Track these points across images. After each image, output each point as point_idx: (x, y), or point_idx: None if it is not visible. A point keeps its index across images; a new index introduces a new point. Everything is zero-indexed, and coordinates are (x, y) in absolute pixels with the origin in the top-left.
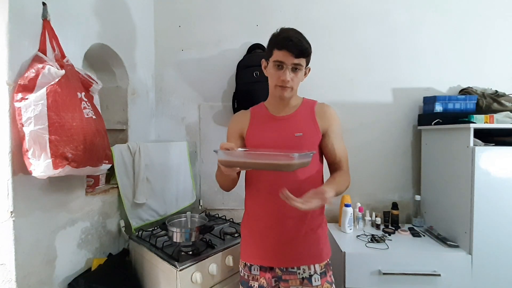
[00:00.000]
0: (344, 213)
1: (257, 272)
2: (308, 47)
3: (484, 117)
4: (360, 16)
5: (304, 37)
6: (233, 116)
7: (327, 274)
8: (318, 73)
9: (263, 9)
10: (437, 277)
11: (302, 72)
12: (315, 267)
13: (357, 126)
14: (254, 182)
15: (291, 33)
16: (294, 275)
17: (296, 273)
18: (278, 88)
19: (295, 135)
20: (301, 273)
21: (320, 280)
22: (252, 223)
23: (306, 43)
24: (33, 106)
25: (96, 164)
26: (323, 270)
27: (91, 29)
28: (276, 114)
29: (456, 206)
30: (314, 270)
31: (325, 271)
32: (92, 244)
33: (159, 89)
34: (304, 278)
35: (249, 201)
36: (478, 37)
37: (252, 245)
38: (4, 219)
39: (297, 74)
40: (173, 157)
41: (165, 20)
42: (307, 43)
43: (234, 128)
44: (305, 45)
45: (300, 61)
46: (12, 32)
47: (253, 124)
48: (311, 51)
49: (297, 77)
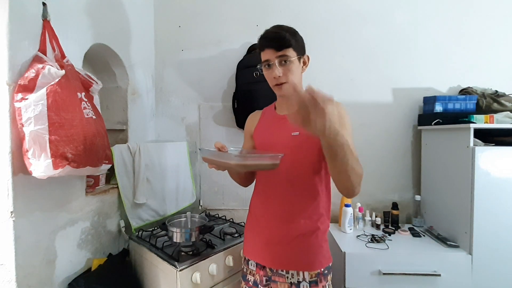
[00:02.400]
0: (344, 213)
1: (253, 268)
2: (287, 35)
3: (484, 117)
4: (360, 16)
5: (284, 28)
6: (248, 116)
7: (319, 283)
8: (318, 73)
9: (263, 9)
10: (437, 277)
11: (294, 63)
12: (304, 274)
13: (357, 126)
14: (256, 181)
15: (269, 30)
16: (283, 278)
17: (285, 277)
18: (275, 88)
19: (292, 134)
20: (290, 278)
21: None
22: (250, 219)
23: (286, 32)
24: (33, 106)
25: (96, 164)
26: (314, 279)
27: (91, 29)
28: (280, 113)
29: (456, 206)
30: (303, 277)
31: (317, 280)
32: (92, 244)
33: (159, 89)
34: (292, 283)
35: (252, 197)
36: (478, 37)
37: (250, 240)
38: (4, 219)
39: (287, 66)
40: (173, 157)
41: (165, 20)
42: (288, 31)
43: (246, 128)
44: (283, 34)
45: (284, 52)
46: (12, 32)
47: (260, 123)
48: (297, 38)
49: (289, 69)
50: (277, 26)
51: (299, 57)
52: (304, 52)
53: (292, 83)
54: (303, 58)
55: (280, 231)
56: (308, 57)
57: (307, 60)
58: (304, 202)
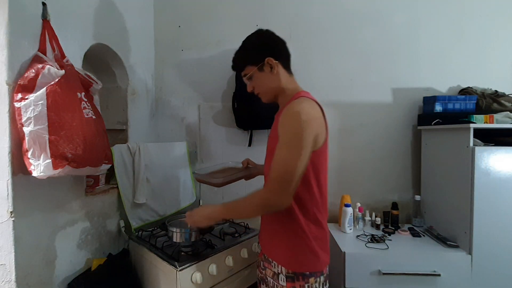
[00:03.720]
0: (344, 213)
1: (259, 250)
2: (236, 60)
3: (484, 117)
4: (360, 16)
5: (238, 50)
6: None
7: (295, 281)
8: (318, 73)
9: (263, 9)
10: (437, 277)
11: (256, 76)
12: (280, 267)
13: (357, 126)
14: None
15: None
16: (270, 265)
17: (271, 264)
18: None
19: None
20: (274, 267)
21: (286, 283)
22: None
23: (236, 54)
24: (33, 106)
25: (96, 164)
26: (290, 274)
27: (91, 29)
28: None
29: (456, 206)
30: (280, 270)
31: (294, 278)
32: (92, 244)
33: (159, 89)
34: (275, 273)
35: None
36: (478, 37)
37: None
38: (4, 219)
39: (254, 81)
40: (173, 157)
41: (165, 20)
42: (238, 53)
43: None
44: (234, 59)
45: (245, 72)
46: (12, 32)
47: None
48: (247, 54)
49: (256, 82)
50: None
51: (260, 67)
52: (262, 58)
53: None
54: (264, 64)
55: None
56: (272, 60)
57: (271, 63)
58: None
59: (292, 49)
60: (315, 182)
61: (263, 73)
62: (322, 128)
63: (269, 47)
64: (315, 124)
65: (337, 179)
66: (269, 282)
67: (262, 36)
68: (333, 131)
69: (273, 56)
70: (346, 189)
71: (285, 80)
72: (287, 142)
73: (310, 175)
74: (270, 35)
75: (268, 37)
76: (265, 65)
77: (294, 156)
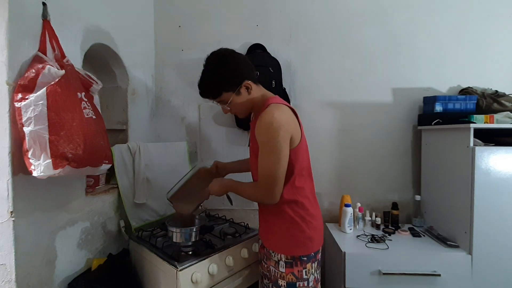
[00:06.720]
0: (344, 213)
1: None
2: (210, 86)
3: (484, 117)
4: (360, 16)
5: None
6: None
7: (293, 266)
8: (318, 73)
9: (263, 9)
10: (437, 277)
11: (234, 100)
12: (280, 255)
13: (357, 126)
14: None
15: (198, 84)
16: (271, 256)
17: (272, 255)
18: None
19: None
20: (274, 256)
21: (285, 269)
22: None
23: (208, 81)
24: (33, 106)
25: (96, 164)
26: (289, 260)
27: (91, 29)
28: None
29: (456, 206)
30: (280, 257)
31: (292, 263)
32: (92, 244)
33: (159, 89)
34: (276, 261)
35: None
36: (478, 37)
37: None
38: (4, 219)
39: (229, 105)
40: (173, 157)
41: (165, 20)
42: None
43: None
44: (205, 93)
45: (219, 100)
46: (12, 32)
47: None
48: (220, 84)
49: (233, 105)
50: (199, 83)
51: (237, 91)
52: (240, 82)
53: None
54: (241, 89)
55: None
56: (248, 82)
57: (247, 85)
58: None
59: (292, 49)
60: (299, 174)
61: (240, 96)
62: (295, 128)
63: (243, 70)
64: (287, 127)
65: (337, 179)
66: (271, 272)
67: (232, 60)
68: (333, 131)
69: (247, 78)
70: (346, 189)
71: (256, 93)
72: (265, 151)
73: (294, 170)
74: (238, 56)
75: (238, 60)
76: (242, 87)
77: (273, 162)
